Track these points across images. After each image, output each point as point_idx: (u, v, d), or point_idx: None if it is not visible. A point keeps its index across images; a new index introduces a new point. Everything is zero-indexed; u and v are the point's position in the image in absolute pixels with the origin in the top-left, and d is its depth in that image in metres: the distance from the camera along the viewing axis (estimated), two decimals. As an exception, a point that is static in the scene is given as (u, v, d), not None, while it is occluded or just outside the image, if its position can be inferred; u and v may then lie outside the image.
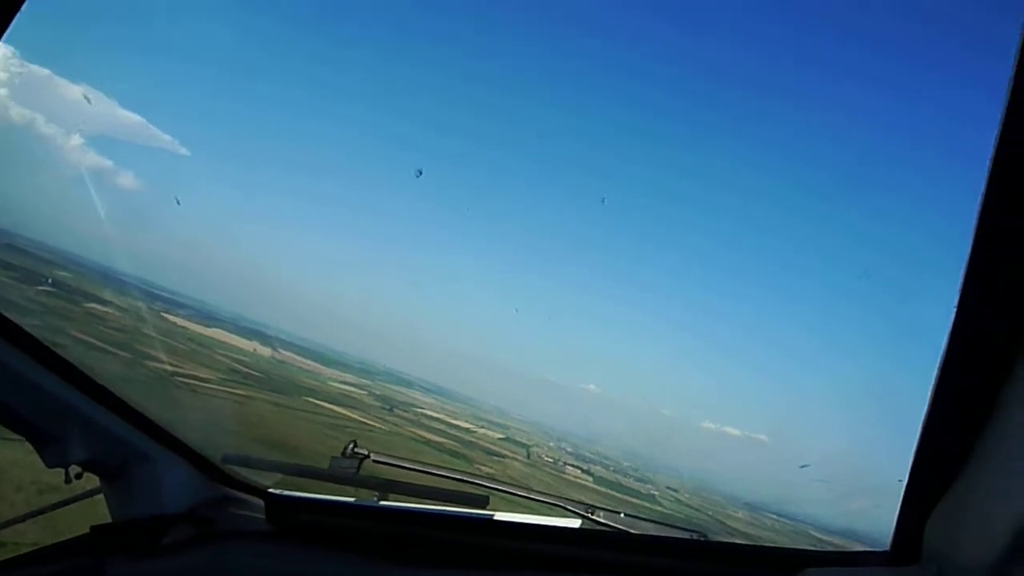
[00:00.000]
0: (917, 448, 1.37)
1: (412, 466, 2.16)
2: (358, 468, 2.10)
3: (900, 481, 1.47)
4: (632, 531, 2.08)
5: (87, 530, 1.85)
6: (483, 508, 2.08)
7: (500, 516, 2.08)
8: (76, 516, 1.91)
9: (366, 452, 2.13)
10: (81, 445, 1.70)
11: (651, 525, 2.15)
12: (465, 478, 2.15)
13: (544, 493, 2.17)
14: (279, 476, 2.18)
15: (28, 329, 1.49)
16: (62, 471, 1.74)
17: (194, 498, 2.00)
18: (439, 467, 2.19)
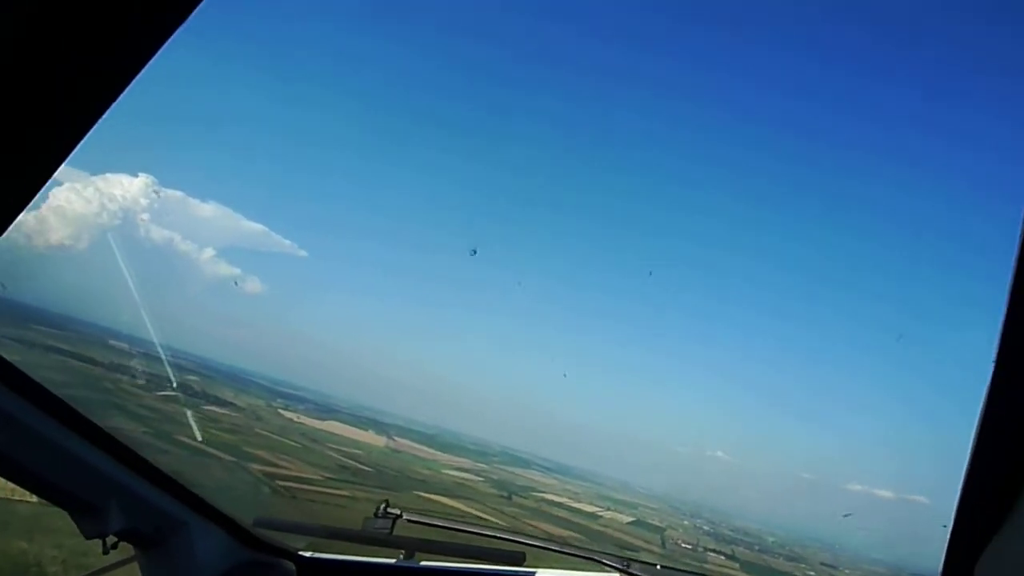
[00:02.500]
0: (962, 491, 1.28)
1: (446, 524, 2.08)
2: (391, 528, 2.03)
3: (944, 527, 1.38)
4: None
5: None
6: (519, 565, 1.98)
7: (536, 572, 1.97)
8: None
9: (399, 512, 2.06)
10: (118, 515, 1.67)
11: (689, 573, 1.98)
12: (500, 535, 2.05)
13: (580, 547, 2.05)
14: (310, 539, 2.14)
15: (65, 399, 1.52)
16: (99, 542, 1.76)
17: (227, 564, 1.98)
18: (473, 524, 2.10)
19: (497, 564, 2.00)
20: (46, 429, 1.43)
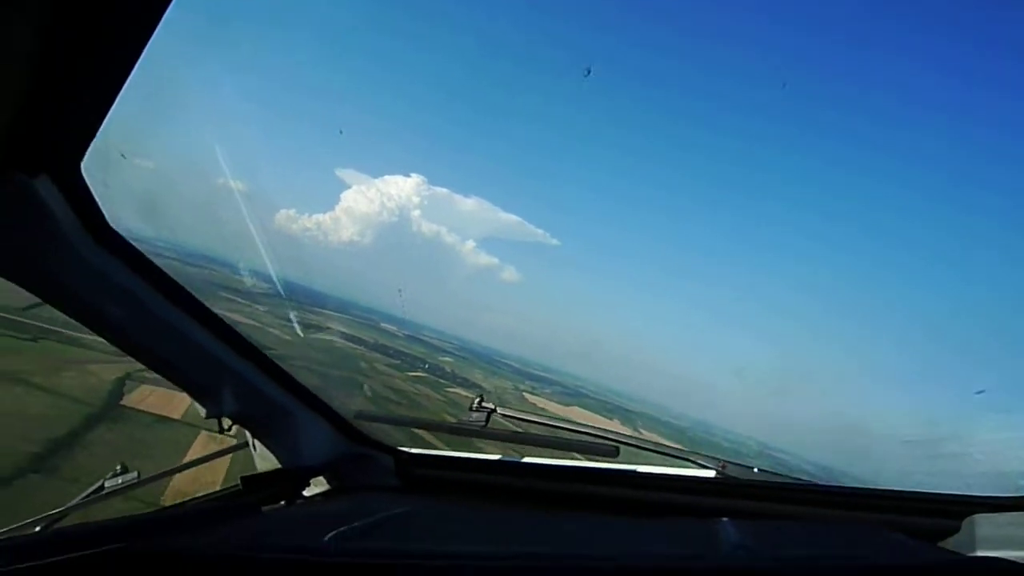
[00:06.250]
0: None
1: (539, 419, 1.99)
2: (486, 422, 1.98)
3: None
4: (772, 482, 1.71)
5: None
6: (613, 460, 1.87)
7: (631, 467, 1.85)
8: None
9: (493, 406, 2.00)
10: (232, 399, 1.80)
11: (789, 479, 1.76)
12: (594, 432, 1.93)
13: (673, 447, 1.88)
14: (408, 432, 2.16)
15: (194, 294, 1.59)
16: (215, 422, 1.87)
17: (330, 454, 2.02)
18: (566, 421, 2.00)
19: (590, 457, 1.90)
20: (175, 320, 1.56)
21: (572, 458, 1.93)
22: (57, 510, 1.82)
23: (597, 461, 1.89)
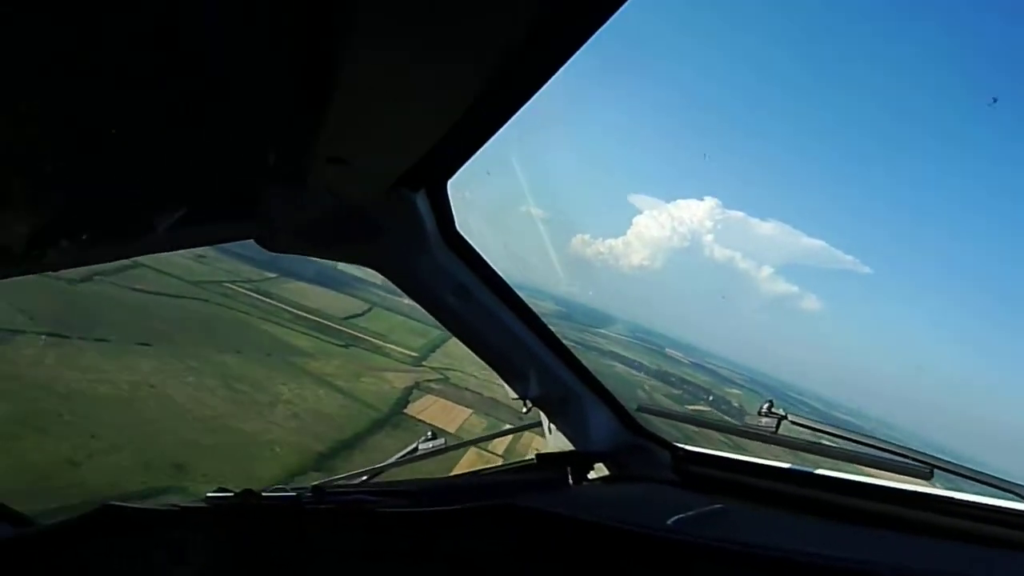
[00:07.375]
0: None
1: (836, 432, 1.83)
2: (776, 428, 1.89)
3: None
4: None
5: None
6: (924, 482, 1.65)
7: (948, 493, 1.63)
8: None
9: (783, 412, 1.91)
10: (536, 384, 2.03)
11: None
12: (898, 451, 1.72)
13: (1001, 478, 1.59)
14: (688, 429, 2.18)
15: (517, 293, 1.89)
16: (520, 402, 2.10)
17: (612, 442, 2.13)
18: (869, 436, 1.81)
19: (897, 477, 1.70)
20: (499, 312, 1.88)
21: (873, 476, 1.76)
22: (378, 465, 2.17)
23: (904, 482, 1.70)
